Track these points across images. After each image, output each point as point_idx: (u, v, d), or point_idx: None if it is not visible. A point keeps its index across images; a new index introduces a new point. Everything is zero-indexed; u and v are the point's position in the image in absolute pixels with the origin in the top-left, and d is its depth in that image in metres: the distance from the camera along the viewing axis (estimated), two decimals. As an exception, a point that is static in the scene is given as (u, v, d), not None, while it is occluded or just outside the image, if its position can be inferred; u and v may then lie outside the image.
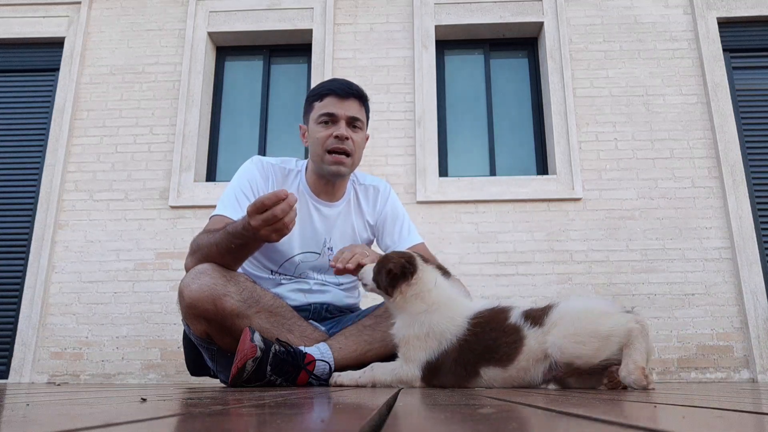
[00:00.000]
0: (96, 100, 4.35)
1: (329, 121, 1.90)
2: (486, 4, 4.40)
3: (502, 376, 1.44)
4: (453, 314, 1.50)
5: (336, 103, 1.91)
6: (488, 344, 1.44)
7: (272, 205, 1.52)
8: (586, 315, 1.39)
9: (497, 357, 1.43)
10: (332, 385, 1.61)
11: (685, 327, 3.68)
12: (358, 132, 1.94)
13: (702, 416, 0.59)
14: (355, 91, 1.93)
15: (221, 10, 4.49)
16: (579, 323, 1.38)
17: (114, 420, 0.51)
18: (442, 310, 1.51)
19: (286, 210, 1.52)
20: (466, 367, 1.45)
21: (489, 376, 1.44)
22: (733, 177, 3.91)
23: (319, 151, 1.91)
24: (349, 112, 1.91)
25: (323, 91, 1.93)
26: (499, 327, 1.46)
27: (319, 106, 1.93)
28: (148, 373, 3.78)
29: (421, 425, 0.51)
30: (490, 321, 1.47)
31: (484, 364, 1.44)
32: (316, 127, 1.92)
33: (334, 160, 1.89)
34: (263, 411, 0.64)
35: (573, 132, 4.05)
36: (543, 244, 3.88)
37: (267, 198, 1.52)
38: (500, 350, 1.43)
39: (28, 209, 4.25)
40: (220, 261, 1.72)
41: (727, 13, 4.27)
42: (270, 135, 4.50)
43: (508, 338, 1.44)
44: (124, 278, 3.96)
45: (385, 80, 4.26)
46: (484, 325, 1.47)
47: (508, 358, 1.42)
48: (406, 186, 4.01)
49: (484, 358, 1.44)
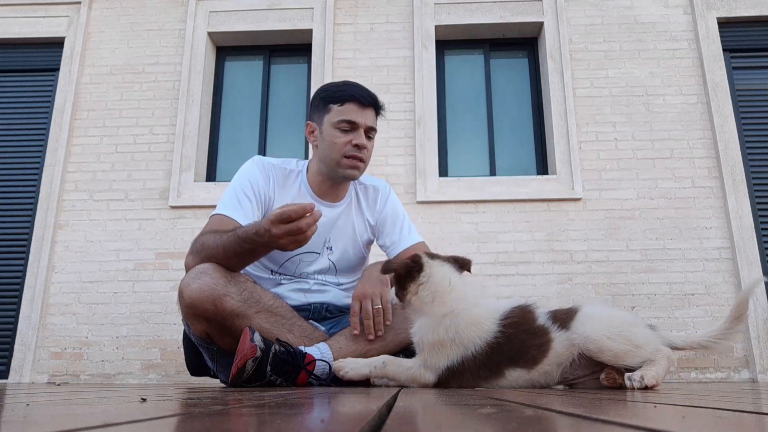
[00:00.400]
0: (96, 100, 4.35)
1: (350, 129, 1.91)
2: (486, 4, 4.40)
3: (525, 378, 1.42)
4: (481, 318, 1.44)
5: (358, 111, 1.91)
6: (518, 346, 1.41)
7: (298, 217, 1.52)
8: (621, 321, 1.41)
9: (524, 359, 1.41)
10: (341, 377, 1.57)
11: (685, 327, 3.68)
12: (371, 141, 1.97)
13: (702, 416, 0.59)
14: (375, 101, 1.96)
15: (221, 10, 4.49)
16: (613, 323, 1.39)
17: (114, 420, 0.51)
18: (469, 314, 1.44)
19: (310, 224, 1.54)
20: (492, 369, 1.42)
21: (512, 378, 1.42)
22: (733, 177, 3.91)
23: (335, 156, 1.91)
24: (368, 121, 1.93)
25: (345, 97, 1.92)
26: (529, 329, 1.43)
27: (338, 110, 1.91)
28: (148, 373, 3.78)
29: (422, 425, 0.51)
30: (522, 323, 1.43)
31: (511, 366, 1.41)
32: (334, 132, 1.91)
33: (351, 164, 1.90)
34: (263, 411, 0.64)
35: (573, 132, 4.05)
36: (543, 244, 3.88)
37: (293, 211, 1.52)
38: (528, 353, 1.41)
39: (28, 209, 4.25)
40: (225, 263, 1.71)
41: (727, 13, 4.27)
42: (270, 135, 4.50)
43: (537, 341, 1.41)
44: (124, 278, 3.96)
45: (385, 80, 4.26)
46: (517, 327, 1.43)
47: (534, 361, 1.41)
48: (406, 186, 4.01)
49: (513, 360, 1.41)
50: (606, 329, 1.37)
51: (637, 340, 1.37)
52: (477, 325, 1.43)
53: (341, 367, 1.55)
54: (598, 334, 1.36)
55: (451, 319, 1.44)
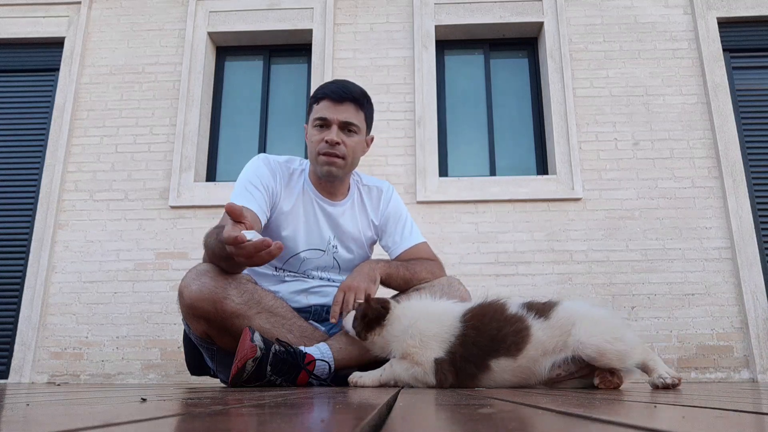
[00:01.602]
0: (96, 100, 4.35)
1: (323, 125, 1.92)
2: (486, 4, 4.40)
3: (512, 366, 1.43)
4: (440, 318, 1.52)
5: (330, 108, 1.91)
6: (493, 335, 1.44)
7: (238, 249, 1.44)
8: (614, 324, 1.43)
9: (505, 347, 1.43)
10: (355, 385, 1.58)
11: (685, 327, 3.68)
12: (352, 136, 1.93)
13: (702, 416, 0.59)
14: (351, 95, 1.92)
15: (221, 10, 4.49)
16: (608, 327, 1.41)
17: (114, 420, 0.51)
18: (426, 319, 1.52)
19: (250, 255, 1.44)
20: (476, 363, 1.45)
21: (500, 368, 1.43)
22: (733, 177, 3.91)
23: (313, 154, 1.93)
24: (342, 116, 1.91)
25: (320, 95, 1.94)
26: (499, 317, 1.46)
27: (316, 108, 1.94)
28: (148, 373, 3.78)
29: (422, 425, 0.51)
30: (486, 314, 1.48)
31: (494, 356, 1.43)
32: (312, 130, 1.95)
33: (326, 161, 1.90)
34: (263, 411, 0.64)
35: (573, 132, 4.05)
36: (543, 244, 3.88)
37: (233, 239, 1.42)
38: (507, 340, 1.43)
39: (28, 209, 4.25)
40: (221, 265, 1.71)
41: (727, 13, 4.27)
42: (270, 135, 4.50)
43: (513, 327, 1.43)
44: (124, 278, 3.96)
45: (385, 80, 4.26)
46: (481, 318, 1.47)
47: (516, 347, 1.42)
48: (406, 186, 4.01)
49: (493, 349, 1.44)
50: (604, 333, 1.38)
51: (630, 341, 1.40)
52: (438, 324, 1.50)
53: (355, 381, 1.58)
54: (598, 339, 1.37)
55: (412, 328, 1.51)
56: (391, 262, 1.93)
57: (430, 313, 1.54)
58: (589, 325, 1.40)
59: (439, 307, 1.58)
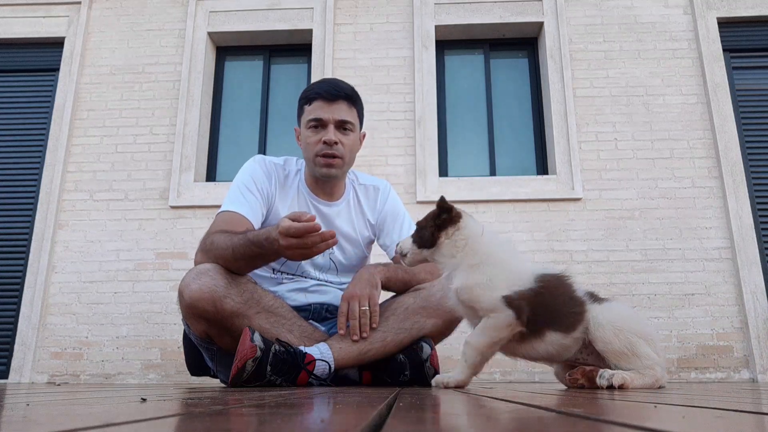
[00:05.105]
0: (96, 100, 4.35)
1: (318, 125, 1.91)
2: (486, 4, 4.40)
3: (560, 343, 1.39)
4: (516, 270, 1.41)
5: (324, 107, 1.90)
6: (556, 308, 1.39)
7: (305, 233, 1.51)
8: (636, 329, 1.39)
9: (565, 323, 1.38)
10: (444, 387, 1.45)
11: (685, 327, 3.68)
12: (348, 134, 1.93)
13: (702, 416, 0.59)
14: (343, 93, 1.91)
15: (221, 10, 4.49)
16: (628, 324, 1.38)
17: (114, 420, 0.51)
18: (502, 265, 1.41)
19: (316, 241, 1.53)
20: (533, 328, 1.38)
21: (550, 340, 1.39)
22: (733, 177, 3.91)
23: (310, 156, 1.92)
24: (337, 115, 1.90)
25: (311, 95, 1.93)
26: (570, 293, 1.42)
27: (308, 110, 1.93)
28: (148, 373, 3.78)
29: (422, 425, 0.51)
30: (560, 286, 1.42)
31: (552, 327, 1.38)
32: (307, 132, 1.93)
33: (324, 163, 1.89)
34: (263, 411, 0.64)
35: (573, 132, 4.05)
36: (543, 244, 3.88)
37: (298, 230, 1.51)
38: (569, 317, 1.38)
39: (28, 209, 4.25)
40: (233, 265, 1.71)
41: (727, 13, 4.27)
42: (270, 135, 4.50)
43: (575, 308, 1.39)
44: (124, 278, 3.96)
45: (385, 80, 4.26)
46: (557, 287, 1.41)
47: (572, 326, 1.39)
48: (406, 186, 4.01)
49: (554, 320, 1.38)
50: (619, 323, 1.37)
51: (638, 350, 1.36)
52: (512, 274, 1.40)
53: (446, 383, 1.45)
54: (609, 325, 1.36)
55: (484, 266, 1.40)
56: (389, 266, 1.92)
57: (505, 260, 1.43)
58: (614, 313, 1.39)
59: (515, 256, 1.49)
